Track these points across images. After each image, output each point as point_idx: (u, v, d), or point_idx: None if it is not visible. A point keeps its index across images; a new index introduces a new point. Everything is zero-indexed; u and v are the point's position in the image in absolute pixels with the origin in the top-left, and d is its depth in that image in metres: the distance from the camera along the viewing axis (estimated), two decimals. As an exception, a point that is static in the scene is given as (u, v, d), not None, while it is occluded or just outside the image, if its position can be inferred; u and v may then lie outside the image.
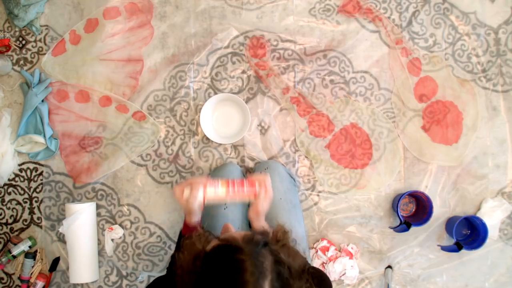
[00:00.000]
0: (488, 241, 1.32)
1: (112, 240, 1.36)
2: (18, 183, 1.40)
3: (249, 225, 1.19)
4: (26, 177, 1.39)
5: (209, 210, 1.15)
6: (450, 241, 1.33)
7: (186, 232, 0.97)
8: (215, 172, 1.23)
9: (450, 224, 1.30)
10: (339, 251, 1.33)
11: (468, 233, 1.34)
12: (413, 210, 1.36)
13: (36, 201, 1.39)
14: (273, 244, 0.69)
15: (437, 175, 1.34)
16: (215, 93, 1.36)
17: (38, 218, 1.39)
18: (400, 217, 1.27)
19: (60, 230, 1.28)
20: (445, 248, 1.27)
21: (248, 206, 1.20)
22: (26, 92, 1.36)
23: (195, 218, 0.96)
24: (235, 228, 1.07)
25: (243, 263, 0.62)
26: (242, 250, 0.64)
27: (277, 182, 1.16)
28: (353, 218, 1.34)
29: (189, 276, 0.67)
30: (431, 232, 1.33)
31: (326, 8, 1.37)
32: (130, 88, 1.37)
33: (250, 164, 1.35)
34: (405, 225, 1.25)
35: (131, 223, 1.37)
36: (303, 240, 1.14)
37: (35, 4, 1.36)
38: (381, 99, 1.36)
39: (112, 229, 1.35)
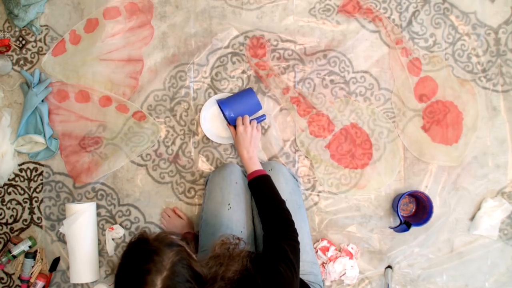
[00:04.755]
0: (488, 241, 1.32)
1: (113, 239, 1.36)
2: (18, 183, 1.40)
3: (253, 226, 1.19)
4: (26, 177, 1.39)
5: (212, 210, 1.15)
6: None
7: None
8: (215, 173, 1.23)
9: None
10: (339, 251, 1.33)
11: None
12: (413, 210, 1.36)
13: (36, 201, 1.39)
14: (185, 247, 0.74)
15: (437, 175, 1.34)
16: (215, 93, 1.37)
17: (38, 218, 1.39)
18: (400, 217, 1.27)
19: (61, 230, 1.28)
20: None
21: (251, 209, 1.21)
22: (26, 92, 1.36)
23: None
24: (240, 230, 1.11)
25: (147, 254, 0.68)
26: (149, 244, 0.70)
27: (282, 183, 1.16)
28: (353, 218, 1.35)
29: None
30: (431, 232, 1.33)
31: (326, 8, 1.37)
32: (130, 88, 1.37)
33: (250, 164, 1.35)
34: (405, 225, 1.25)
35: (131, 223, 1.37)
36: (308, 239, 1.14)
37: (35, 4, 1.36)
38: (381, 99, 1.36)
39: (112, 228, 1.35)
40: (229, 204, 1.13)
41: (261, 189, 1.08)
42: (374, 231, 1.34)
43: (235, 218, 1.12)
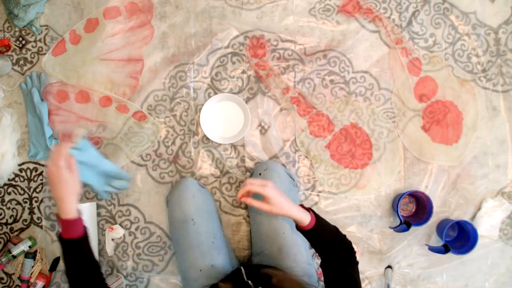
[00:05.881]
0: (488, 241, 1.32)
1: (113, 240, 1.36)
2: (18, 183, 1.40)
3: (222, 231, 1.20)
4: (26, 177, 1.39)
5: (178, 229, 1.13)
6: (438, 242, 1.33)
7: (68, 234, 0.85)
8: (171, 194, 1.19)
9: (441, 226, 1.30)
10: (339, 251, 1.33)
11: (455, 235, 1.34)
12: (413, 210, 1.36)
13: (36, 201, 1.39)
14: None
15: (437, 175, 1.34)
16: (215, 93, 1.37)
17: (38, 218, 1.39)
18: (400, 217, 1.27)
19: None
20: (432, 249, 1.27)
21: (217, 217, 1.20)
22: (26, 94, 1.36)
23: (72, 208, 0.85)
24: (211, 241, 1.09)
25: None
26: None
27: (277, 183, 1.16)
28: (353, 218, 1.35)
29: None
30: (431, 232, 1.33)
31: (326, 8, 1.37)
32: (131, 88, 1.37)
33: (250, 164, 1.35)
34: (405, 225, 1.25)
35: (131, 223, 1.37)
36: (303, 240, 1.14)
37: (35, 4, 1.36)
38: (381, 99, 1.36)
39: (112, 229, 1.35)
40: (192, 219, 1.11)
41: (321, 236, 0.96)
42: (374, 231, 1.34)
43: (202, 231, 1.11)
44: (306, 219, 0.92)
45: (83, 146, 1.11)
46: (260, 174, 1.19)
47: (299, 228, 0.95)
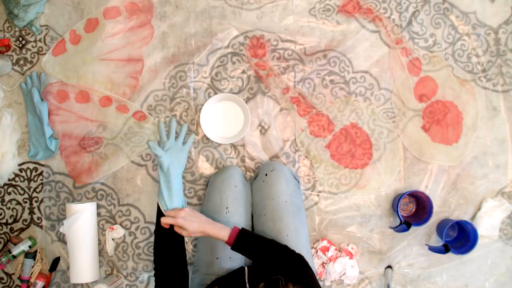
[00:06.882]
0: (488, 241, 1.32)
1: (113, 239, 1.36)
2: (18, 183, 1.40)
3: (252, 228, 1.20)
4: (26, 177, 1.39)
5: (210, 213, 1.14)
6: (438, 242, 1.33)
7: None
8: (215, 176, 1.23)
9: (441, 226, 1.30)
10: (339, 251, 1.33)
11: (455, 235, 1.34)
12: (413, 210, 1.37)
13: (36, 201, 1.39)
14: None
15: (437, 175, 1.34)
16: (215, 93, 1.37)
17: (38, 218, 1.39)
18: (400, 217, 1.27)
19: (61, 230, 1.28)
20: (432, 249, 1.27)
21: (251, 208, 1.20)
22: (26, 94, 1.36)
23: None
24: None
25: None
26: None
27: (283, 184, 1.16)
28: (353, 218, 1.35)
29: None
30: (431, 232, 1.33)
31: (326, 8, 1.37)
32: (131, 88, 1.37)
33: (250, 164, 1.35)
34: (405, 225, 1.25)
35: (131, 223, 1.37)
36: (306, 241, 1.14)
37: (35, 4, 1.36)
38: (381, 99, 1.36)
39: (113, 228, 1.35)
40: (227, 208, 1.12)
41: (251, 245, 1.01)
42: (374, 231, 1.34)
43: (232, 222, 1.11)
44: (223, 237, 1.00)
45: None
46: (266, 174, 1.19)
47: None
